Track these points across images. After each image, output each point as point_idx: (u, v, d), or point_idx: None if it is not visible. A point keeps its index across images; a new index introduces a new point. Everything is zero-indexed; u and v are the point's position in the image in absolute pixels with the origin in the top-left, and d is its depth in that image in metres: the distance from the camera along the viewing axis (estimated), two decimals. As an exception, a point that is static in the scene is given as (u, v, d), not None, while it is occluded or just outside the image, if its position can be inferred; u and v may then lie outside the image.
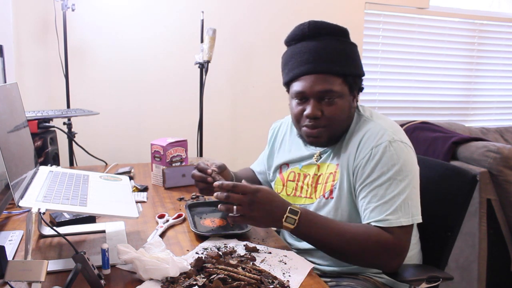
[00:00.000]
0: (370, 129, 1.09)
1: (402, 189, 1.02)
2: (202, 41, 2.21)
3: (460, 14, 3.18)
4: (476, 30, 3.27)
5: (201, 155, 2.33)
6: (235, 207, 0.99)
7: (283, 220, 0.99)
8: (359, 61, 1.16)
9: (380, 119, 1.13)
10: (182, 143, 1.62)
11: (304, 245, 1.16)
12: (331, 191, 1.13)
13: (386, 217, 1.01)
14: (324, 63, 1.09)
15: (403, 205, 1.01)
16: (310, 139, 1.15)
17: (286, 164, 1.29)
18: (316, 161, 1.20)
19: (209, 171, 1.19)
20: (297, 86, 1.11)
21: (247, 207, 0.98)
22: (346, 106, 1.12)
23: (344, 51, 1.11)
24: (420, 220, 1.06)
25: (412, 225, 1.03)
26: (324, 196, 1.14)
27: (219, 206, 1.02)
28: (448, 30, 3.18)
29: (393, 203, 1.01)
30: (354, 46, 1.15)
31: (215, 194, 1.01)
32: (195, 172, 1.21)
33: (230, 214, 1.01)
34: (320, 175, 1.18)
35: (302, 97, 1.12)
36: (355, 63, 1.13)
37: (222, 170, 1.27)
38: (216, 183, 1.00)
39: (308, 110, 1.10)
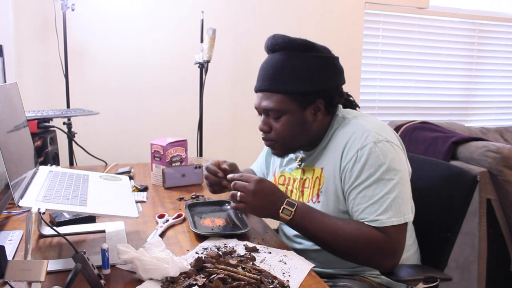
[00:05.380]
0: (355, 132, 1.08)
1: (391, 188, 1.02)
2: (202, 41, 2.21)
3: (460, 14, 3.18)
4: (476, 30, 3.27)
5: (201, 155, 2.33)
6: (239, 193, 1.05)
7: (280, 211, 1.04)
8: (321, 76, 1.10)
9: (364, 120, 1.12)
10: (182, 143, 1.63)
11: (298, 246, 1.18)
12: (318, 195, 1.14)
13: (376, 217, 1.00)
14: (268, 81, 1.10)
15: (393, 204, 1.01)
16: (270, 150, 1.22)
17: (279, 167, 1.31)
18: (299, 165, 1.22)
19: (220, 174, 1.23)
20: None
21: (250, 195, 1.04)
22: (295, 122, 1.11)
23: (292, 67, 1.09)
24: (411, 219, 1.06)
25: (405, 224, 1.03)
26: (312, 201, 1.15)
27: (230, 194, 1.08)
28: (448, 30, 3.18)
29: (382, 202, 1.01)
30: (316, 60, 1.10)
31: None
32: (209, 175, 1.26)
33: (232, 203, 1.08)
34: (305, 179, 1.19)
35: (257, 111, 1.17)
36: (306, 79, 1.09)
37: (234, 169, 1.30)
38: (229, 176, 1.10)
39: (259, 125, 1.16)
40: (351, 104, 1.26)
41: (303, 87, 1.09)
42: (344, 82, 1.17)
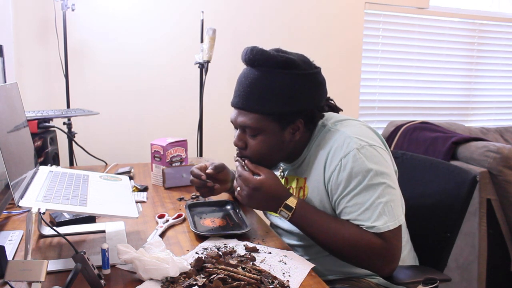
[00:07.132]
0: (337, 140, 1.06)
1: (382, 193, 0.99)
2: (202, 41, 2.21)
3: (460, 14, 3.18)
4: (476, 30, 3.27)
5: (201, 155, 2.33)
6: (238, 188, 1.09)
7: (278, 212, 1.06)
8: (301, 95, 1.05)
9: (345, 127, 1.09)
10: (182, 143, 1.62)
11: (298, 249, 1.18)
12: None
13: (372, 224, 0.98)
14: (245, 99, 1.06)
15: (386, 209, 0.99)
16: None
17: None
18: (282, 176, 1.22)
19: (203, 177, 1.24)
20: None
21: (246, 196, 1.07)
22: (272, 141, 1.08)
23: (271, 86, 1.03)
24: (403, 221, 1.06)
25: (400, 227, 1.02)
26: None
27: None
28: (448, 30, 3.18)
29: (375, 208, 0.99)
30: (296, 79, 1.04)
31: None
32: (193, 179, 1.26)
33: (236, 192, 1.11)
34: (289, 188, 1.17)
35: (233, 125, 1.14)
36: (286, 99, 1.04)
37: (220, 171, 1.29)
38: (235, 158, 1.14)
39: (234, 140, 1.14)
40: (332, 109, 1.23)
41: (282, 107, 1.04)
42: (326, 94, 1.14)
